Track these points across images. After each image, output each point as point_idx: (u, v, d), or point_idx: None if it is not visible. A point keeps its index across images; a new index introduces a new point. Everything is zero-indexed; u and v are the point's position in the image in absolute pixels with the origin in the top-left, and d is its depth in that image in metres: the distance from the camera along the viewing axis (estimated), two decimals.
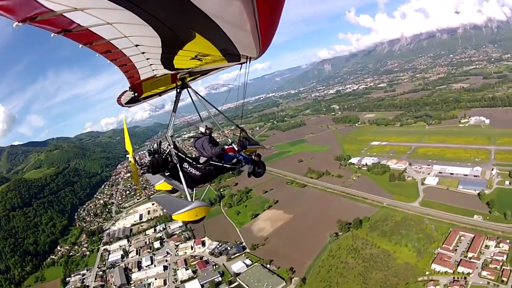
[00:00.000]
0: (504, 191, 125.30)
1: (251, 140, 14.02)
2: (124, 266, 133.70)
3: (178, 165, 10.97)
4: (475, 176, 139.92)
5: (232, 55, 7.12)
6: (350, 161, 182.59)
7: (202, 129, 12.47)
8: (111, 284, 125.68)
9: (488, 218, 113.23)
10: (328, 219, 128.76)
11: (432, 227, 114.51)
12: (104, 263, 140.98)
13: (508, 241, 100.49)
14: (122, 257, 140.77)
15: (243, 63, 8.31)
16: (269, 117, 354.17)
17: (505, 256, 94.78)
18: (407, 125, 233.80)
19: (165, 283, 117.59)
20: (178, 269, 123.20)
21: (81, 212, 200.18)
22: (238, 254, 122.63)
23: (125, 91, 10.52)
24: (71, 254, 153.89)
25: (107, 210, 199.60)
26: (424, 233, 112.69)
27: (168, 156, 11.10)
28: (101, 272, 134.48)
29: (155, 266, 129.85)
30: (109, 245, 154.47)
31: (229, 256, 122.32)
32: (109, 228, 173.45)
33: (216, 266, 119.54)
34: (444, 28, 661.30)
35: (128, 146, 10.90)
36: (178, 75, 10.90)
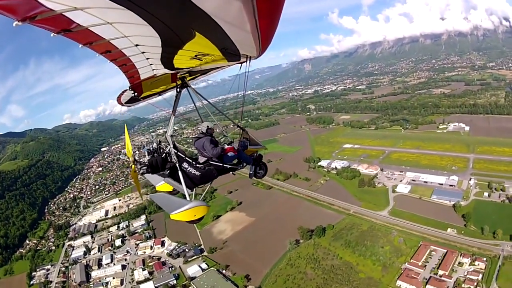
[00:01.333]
0: (482, 203, 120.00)
1: (252, 141, 13.93)
2: (85, 263, 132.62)
3: (177, 165, 10.85)
4: (450, 185, 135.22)
5: (232, 54, 7.25)
6: (319, 163, 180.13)
7: (203, 129, 12.29)
8: (72, 280, 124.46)
9: (463, 232, 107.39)
10: (290, 224, 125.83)
11: (400, 239, 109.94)
12: (67, 259, 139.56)
13: (484, 259, 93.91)
14: (85, 253, 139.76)
15: (243, 62, 8.42)
16: (244, 114, 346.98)
17: (480, 276, 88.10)
18: (382, 129, 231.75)
19: (122, 283, 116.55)
20: (135, 269, 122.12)
21: (51, 205, 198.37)
22: (195, 257, 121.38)
23: (125, 90, 10.55)
24: (38, 248, 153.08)
25: (75, 204, 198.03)
26: (391, 245, 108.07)
27: (167, 155, 10.96)
28: (64, 268, 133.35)
29: (114, 264, 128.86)
30: (74, 240, 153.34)
31: (186, 259, 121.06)
32: (75, 223, 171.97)
33: (173, 268, 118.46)
34: (428, 33, 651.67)
35: (129, 152, 10.87)
36: (178, 75, 10.91)
